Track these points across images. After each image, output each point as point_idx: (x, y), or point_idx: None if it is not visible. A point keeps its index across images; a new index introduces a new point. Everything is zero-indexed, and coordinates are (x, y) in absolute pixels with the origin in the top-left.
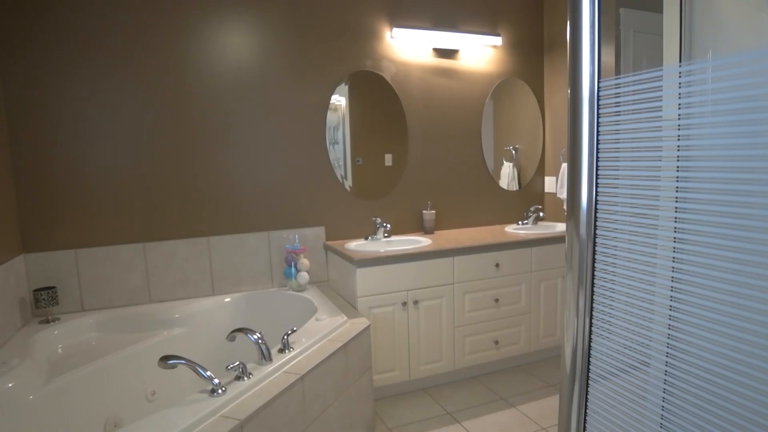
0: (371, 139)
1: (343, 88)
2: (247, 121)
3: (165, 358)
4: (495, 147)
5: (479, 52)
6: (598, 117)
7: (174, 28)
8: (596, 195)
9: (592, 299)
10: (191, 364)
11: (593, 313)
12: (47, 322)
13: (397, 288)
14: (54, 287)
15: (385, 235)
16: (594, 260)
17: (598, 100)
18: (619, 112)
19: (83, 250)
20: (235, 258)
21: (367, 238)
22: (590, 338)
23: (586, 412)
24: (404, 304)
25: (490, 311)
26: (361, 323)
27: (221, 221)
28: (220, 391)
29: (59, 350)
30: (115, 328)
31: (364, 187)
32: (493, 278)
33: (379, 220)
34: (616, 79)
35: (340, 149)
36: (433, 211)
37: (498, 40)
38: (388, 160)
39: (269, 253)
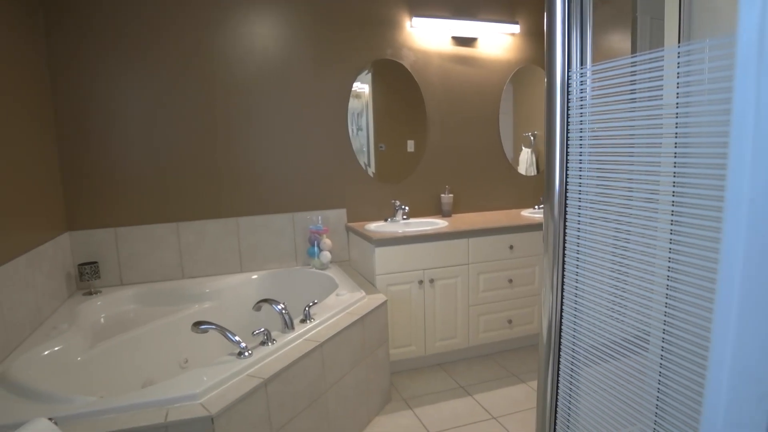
0: (393, 126)
1: (366, 76)
2: (273, 108)
3: (197, 324)
4: (514, 133)
5: (497, 40)
6: (567, 105)
7: (204, 21)
8: (566, 178)
9: (563, 276)
10: (221, 329)
11: (564, 288)
12: (90, 294)
13: (414, 267)
14: (96, 262)
15: (404, 217)
16: (564, 240)
17: (568, 87)
18: (584, 98)
19: (122, 228)
20: (261, 237)
21: (386, 220)
22: (561, 311)
23: (558, 375)
24: (421, 282)
25: (503, 291)
26: (378, 299)
27: (249, 203)
28: (246, 353)
29: (102, 320)
30: (151, 301)
31: (385, 171)
32: (507, 260)
33: (398, 203)
34: (581, 69)
35: (363, 135)
36: (451, 195)
37: (516, 28)
38: (410, 146)
39: (294, 233)
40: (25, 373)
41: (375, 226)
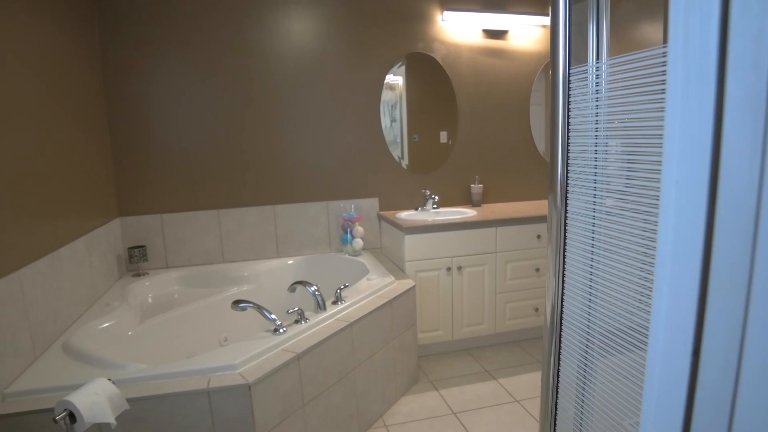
0: (426, 117)
1: (400, 68)
2: (309, 100)
3: (237, 302)
4: (546, 124)
5: (528, 32)
6: (569, 100)
7: (243, 16)
8: (567, 169)
9: (563, 262)
10: (258, 307)
11: (565, 274)
12: (138, 275)
13: (443, 254)
14: (144, 246)
15: (434, 206)
16: (565, 229)
17: (569, 84)
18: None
19: (167, 214)
20: (297, 224)
21: (417, 209)
22: (563, 296)
23: (559, 356)
24: (449, 269)
25: (530, 280)
26: (407, 284)
27: (286, 191)
28: (281, 330)
29: (149, 299)
30: (193, 283)
31: (417, 162)
32: (535, 249)
33: (428, 192)
34: (581, 66)
35: (397, 127)
36: (481, 185)
37: (547, 20)
38: (443, 137)
39: (328, 220)
40: (84, 343)
41: (405, 215)
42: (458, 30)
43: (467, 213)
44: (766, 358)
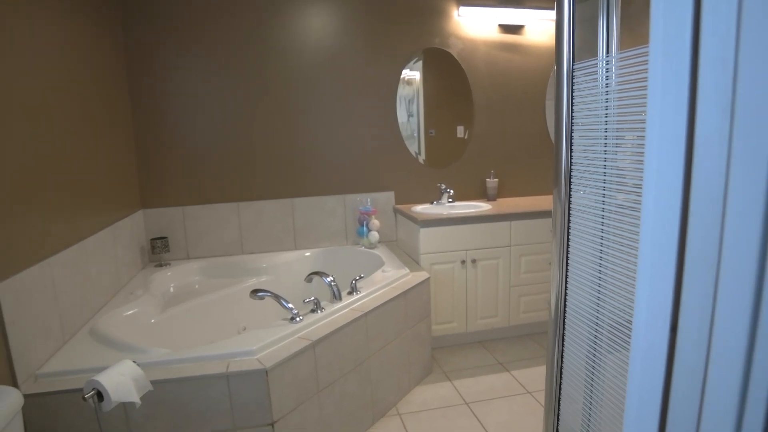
0: (442, 112)
1: (417, 64)
2: (326, 95)
3: (255, 291)
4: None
5: (544, 27)
6: (572, 95)
7: (262, 11)
8: (571, 163)
9: (567, 255)
10: (275, 296)
11: (568, 266)
12: (161, 266)
13: (457, 247)
14: (166, 237)
15: (449, 200)
16: (569, 222)
17: (573, 79)
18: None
19: (189, 207)
20: (314, 217)
21: (432, 203)
22: (566, 288)
23: (563, 346)
24: (463, 262)
25: (544, 273)
26: (421, 276)
27: (303, 185)
28: (298, 318)
29: (171, 289)
30: (214, 274)
31: (434, 156)
32: (549, 243)
33: (443, 186)
34: (582, 62)
35: (414, 121)
36: (496, 180)
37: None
38: (460, 131)
39: (344, 214)
40: (109, 328)
41: (421, 208)
42: (474, 25)
43: (482, 207)
44: (733, 332)
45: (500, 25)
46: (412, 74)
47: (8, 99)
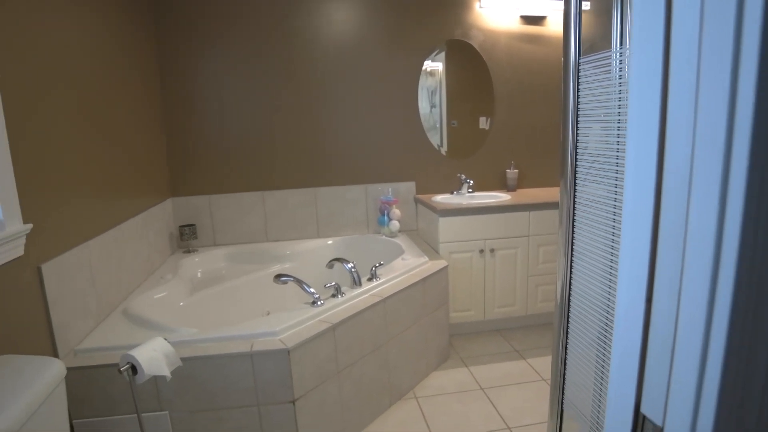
0: (464, 103)
1: (439, 55)
2: (349, 86)
3: (278, 276)
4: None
5: None
6: (578, 88)
7: (290, 2)
8: (576, 155)
9: (572, 242)
10: (298, 281)
11: (573, 255)
12: (188, 252)
13: (476, 237)
14: (194, 225)
15: (469, 190)
16: (574, 212)
17: (578, 75)
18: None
19: (215, 195)
20: (337, 206)
21: (452, 193)
22: (571, 275)
23: (567, 332)
24: (481, 251)
25: None
26: (440, 264)
27: (326, 174)
28: (319, 303)
29: (198, 274)
30: (239, 260)
31: (456, 147)
32: None
33: (463, 177)
34: (587, 57)
35: (437, 112)
36: (516, 170)
37: (587, 5)
38: (482, 122)
39: (366, 203)
40: (142, 309)
41: (441, 198)
42: (496, 16)
43: (501, 197)
44: (695, 303)
45: (522, 17)
46: (435, 65)
47: (55, 99)
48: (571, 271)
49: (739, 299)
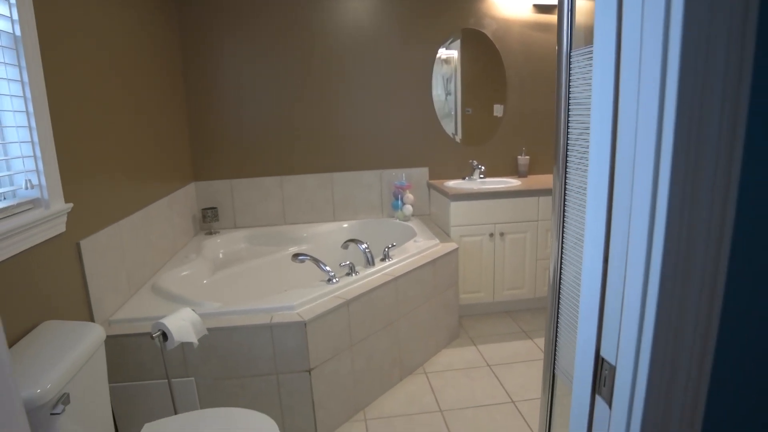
0: (478, 91)
1: (455, 43)
2: (365, 75)
3: (296, 255)
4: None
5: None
6: (569, 78)
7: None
8: (567, 142)
9: (563, 226)
10: (314, 260)
11: (563, 236)
12: (210, 233)
13: (486, 221)
14: (216, 208)
15: (481, 176)
16: (565, 195)
17: (569, 66)
18: (584, 73)
19: (236, 180)
20: (352, 191)
21: (464, 179)
22: (561, 257)
23: (558, 313)
24: (491, 235)
25: None
26: (450, 246)
27: (343, 160)
28: (334, 280)
29: (220, 255)
30: (259, 242)
31: (470, 134)
32: None
33: (475, 163)
34: (577, 50)
35: (452, 99)
36: (527, 157)
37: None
38: (497, 110)
39: (380, 188)
40: (169, 285)
41: (453, 183)
42: (509, 5)
43: (512, 183)
44: (638, 261)
45: (535, 5)
46: (450, 53)
47: (89, 86)
48: (562, 254)
49: (668, 258)
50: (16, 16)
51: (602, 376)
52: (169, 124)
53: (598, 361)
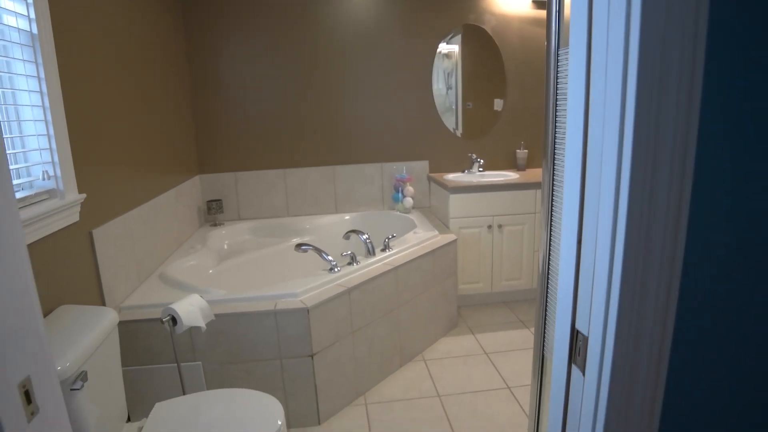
0: (478, 85)
1: (455, 38)
2: (366, 69)
3: (299, 245)
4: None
5: None
6: (557, 74)
7: None
8: (554, 137)
9: (551, 218)
10: (317, 249)
11: (551, 227)
12: (215, 225)
13: (484, 213)
14: (220, 200)
15: (480, 169)
16: (553, 188)
17: (557, 64)
18: (565, 72)
19: (240, 172)
20: (354, 184)
21: (464, 172)
22: (550, 247)
23: (546, 301)
24: (489, 227)
25: None
26: (449, 237)
27: (344, 153)
28: (336, 269)
29: (225, 246)
30: (262, 233)
31: (470, 128)
32: None
33: (474, 156)
34: (564, 48)
35: (453, 94)
36: (526, 151)
37: None
38: (497, 104)
39: (381, 181)
40: (176, 273)
41: (452, 176)
42: (508, 1)
43: (510, 176)
44: (605, 240)
45: (533, 1)
46: (451, 47)
47: (101, 87)
48: (550, 243)
49: (629, 240)
50: (33, 15)
51: (577, 346)
52: (176, 118)
53: (574, 333)
